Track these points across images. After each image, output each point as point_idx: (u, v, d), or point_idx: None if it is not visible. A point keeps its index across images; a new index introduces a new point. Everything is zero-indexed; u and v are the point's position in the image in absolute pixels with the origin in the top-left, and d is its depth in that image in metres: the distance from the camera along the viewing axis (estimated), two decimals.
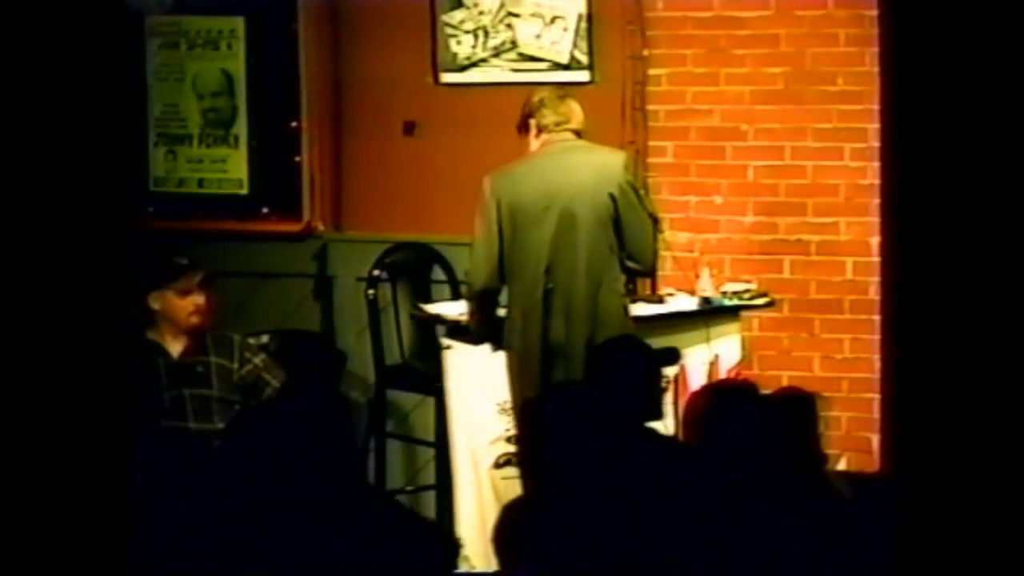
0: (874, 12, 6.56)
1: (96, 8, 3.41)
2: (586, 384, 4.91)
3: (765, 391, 4.47)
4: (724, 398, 4.26)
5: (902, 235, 3.37)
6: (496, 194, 5.58)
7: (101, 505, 3.32)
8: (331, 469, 3.54)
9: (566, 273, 5.50)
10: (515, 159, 5.88)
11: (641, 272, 5.70)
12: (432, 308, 6.30)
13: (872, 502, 3.75)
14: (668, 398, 5.57)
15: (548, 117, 5.61)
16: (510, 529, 3.66)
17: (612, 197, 5.51)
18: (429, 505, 6.60)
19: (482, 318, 5.61)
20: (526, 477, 4.26)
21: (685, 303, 6.00)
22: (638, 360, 4.84)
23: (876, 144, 6.55)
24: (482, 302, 5.63)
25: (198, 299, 5.73)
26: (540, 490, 4.05)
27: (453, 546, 3.46)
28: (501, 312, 5.59)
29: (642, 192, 5.67)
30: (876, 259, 6.62)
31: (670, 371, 5.45)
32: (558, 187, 5.53)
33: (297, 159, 7.37)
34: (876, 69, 6.55)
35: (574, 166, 5.61)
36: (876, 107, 6.54)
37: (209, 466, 3.77)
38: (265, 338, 6.50)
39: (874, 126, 6.58)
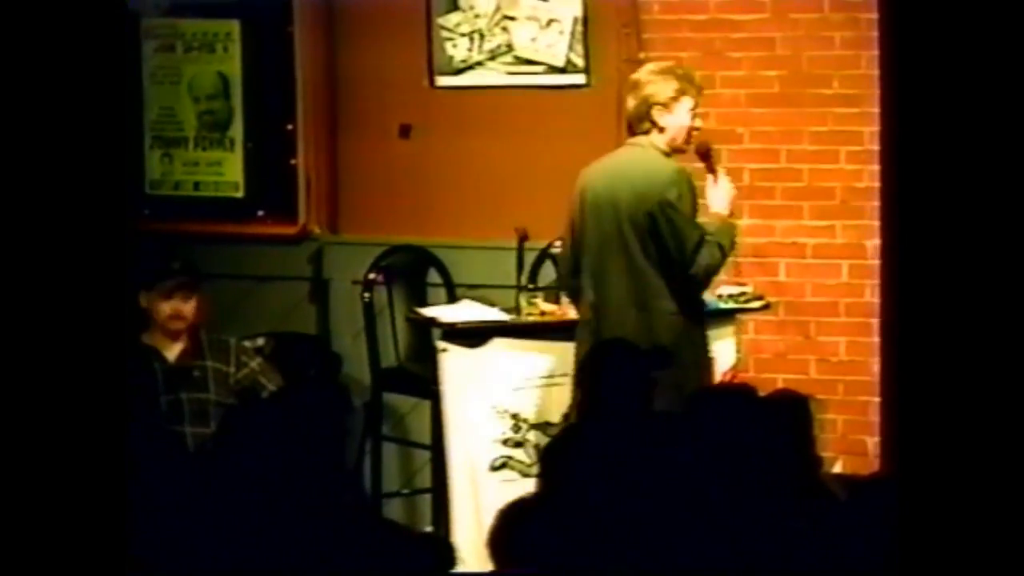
0: (870, 15, 6.58)
1: (97, 12, 3.42)
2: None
3: (761, 394, 4.48)
4: (721, 401, 4.26)
5: (901, 237, 3.38)
6: (579, 184, 5.59)
7: (99, 505, 3.32)
8: (324, 470, 3.53)
9: (611, 290, 5.43)
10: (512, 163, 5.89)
11: (693, 288, 5.44)
12: (428, 311, 6.29)
13: (868, 505, 3.75)
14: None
15: None
16: (506, 532, 3.66)
17: (651, 216, 5.36)
18: (425, 509, 6.60)
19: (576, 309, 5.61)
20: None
21: None
22: (630, 363, 4.84)
23: (872, 147, 6.56)
24: (568, 293, 5.70)
25: (179, 304, 5.70)
26: (536, 493, 4.06)
27: (448, 555, 3.46)
28: None
29: (683, 209, 5.35)
30: (872, 262, 6.62)
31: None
32: (613, 192, 5.44)
33: (293, 162, 7.37)
34: (872, 72, 6.56)
35: (630, 173, 5.46)
36: (872, 110, 6.55)
37: (200, 466, 3.77)
38: (261, 341, 6.49)
39: (870, 129, 6.58)
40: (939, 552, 3.17)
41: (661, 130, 5.41)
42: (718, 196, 5.41)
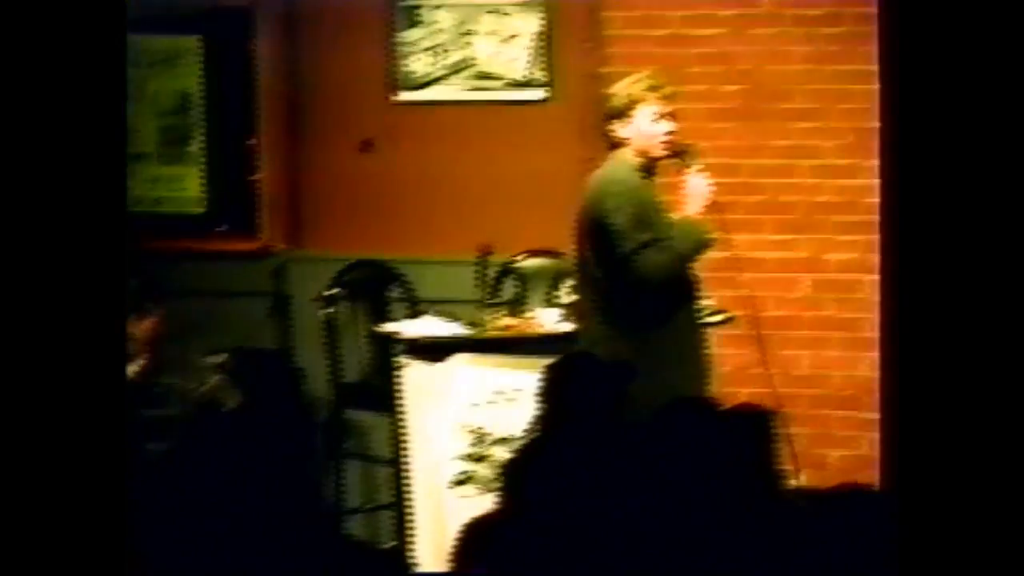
0: (830, 30, 6.61)
1: (97, 22, 3.41)
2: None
3: (724, 407, 4.48)
4: (684, 414, 4.26)
5: (902, 238, 3.38)
6: None
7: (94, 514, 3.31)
8: (285, 486, 3.52)
9: (583, 304, 5.52)
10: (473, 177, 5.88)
11: (643, 295, 5.37)
12: (390, 326, 6.28)
13: (830, 517, 3.75)
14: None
15: None
16: (469, 547, 3.66)
17: (591, 228, 5.38)
18: (387, 524, 6.58)
19: None
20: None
21: None
22: (594, 376, 4.83)
23: (833, 161, 6.59)
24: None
25: (131, 325, 5.67)
26: (499, 508, 4.05)
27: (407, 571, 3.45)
28: None
29: (617, 219, 5.30)
30: (834, 275, 6.65)
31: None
32: (580, 207, 5.49)
33: (254, 177, 7.35)
34: (832, 86, 6.61)
35: (588, 187, 5.48)
36: (832, 124, 6.59)
37: (159, 481, 3.75)
38: (222, 357, 6.45)
39: (830, 143, 6.62)
40: (938, 560, 3.17)
41: (624, 142, 5.40)
42: (687, 197, 5.39)
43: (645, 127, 5.38)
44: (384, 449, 6.58)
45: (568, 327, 5.91)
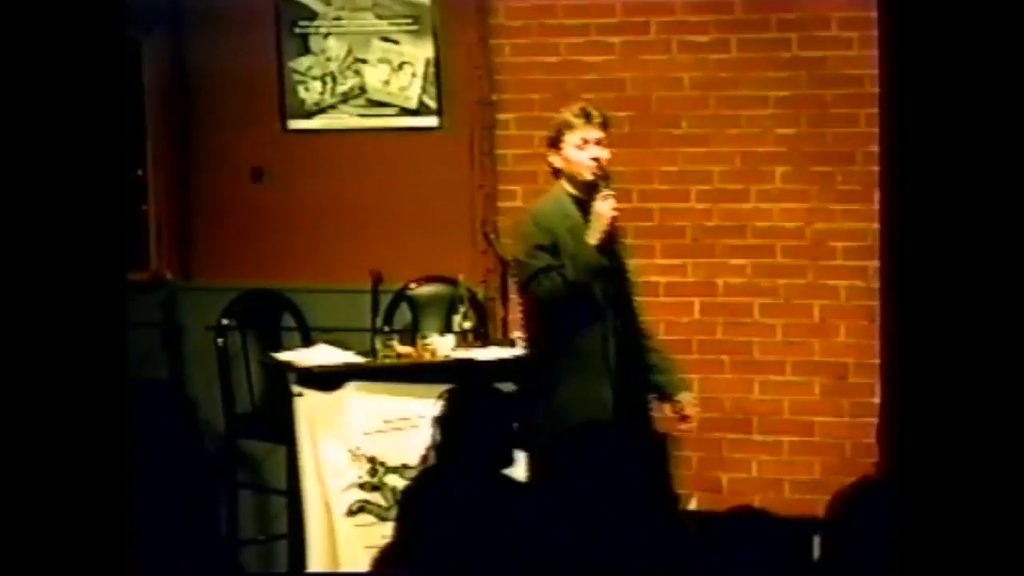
0: (718, 56, 6.69)
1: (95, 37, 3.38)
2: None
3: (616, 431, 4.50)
4: (577, 439, 4.27)
5: (902, 236, 3.40)
6: None
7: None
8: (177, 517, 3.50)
9: None
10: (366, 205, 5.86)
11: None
12: (283, 355, 6.25)
13: (724, 541, 3.78)
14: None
15: None
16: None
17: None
18: (281, 554, 6.54)
19: None
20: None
21: None
22: (492, 407, 4.84)
23: (722, 186, 6.66)
24: None
25: None
26: (395, 540, 4.04)
27: None
28: None
29: (516, 249, 5.57)
30: (723, 299, 6.71)
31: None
32: None
33: (143, 207, 7.29)
34: (720, 112, 6.67)
35: None
36: (721, 149, 6.66)
37: None
38: None
39: (719, 168, 6.68)
40: (939, 557, 3.19)
41: (558, 170, 5.49)
42: (591, 222, 5.45)
43: (571, 153, 5.45)
44: (278, 479, 6.54)
45: (463, 354, 5.91)
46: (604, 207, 5.39)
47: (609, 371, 5.41)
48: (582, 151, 5.45)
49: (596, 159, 5.44)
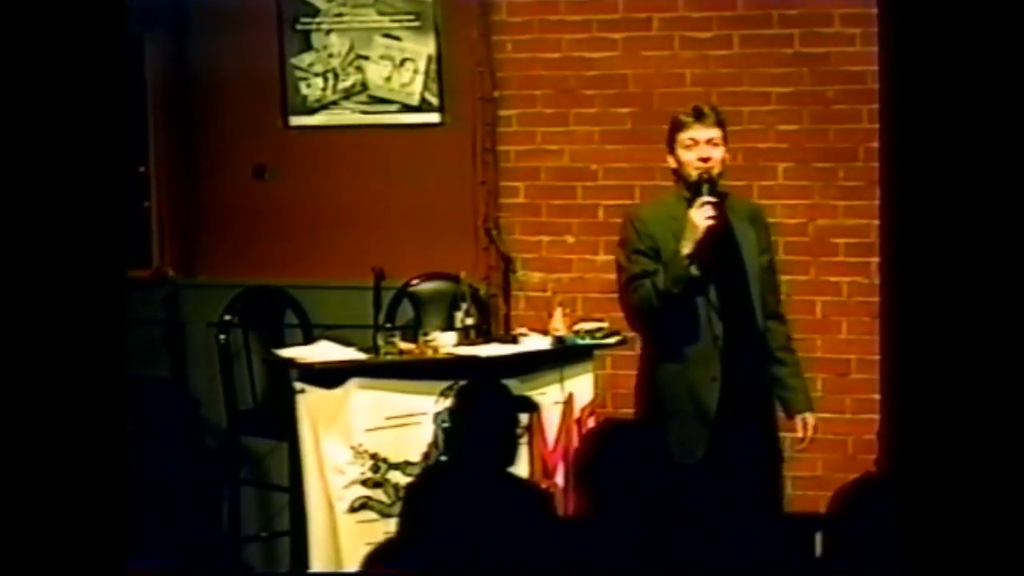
0: (719, 52, 6.68)
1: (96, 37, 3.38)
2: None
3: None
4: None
5: (902, 234, 3.40)
6: None
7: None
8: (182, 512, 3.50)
9: None
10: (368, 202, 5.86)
11: None
12: (285, 352, 6.24)
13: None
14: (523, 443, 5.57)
15: None
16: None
17: None
18: (284, 551, 6.54)
19: None
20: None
21: (538, 343, 6.02)
22: (501, 405, 4.83)
23: (724, 182, 6.64)
24: None
25: None
26: (399, 536, 4.04)
27: None
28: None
29: (619, 251, 5.44)
30: None
31: (524, 419, 5.43)
32: None
33: (146, 204, 7.29)
34: (723, 108, 6.65)
35: None
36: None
37: None
38: None
39: None
40: (940, 553, 3.19)
41: (676, 175, 5.37)
42: (686, 230, 5.25)
43: (681, 153, 5.32)
44: (280, 475, 6.54)
45: (465, 351, 5.91)
46: (698, 216, 5.19)
47: (713, 379, 5.26)
48: (690, 151, 5.29)
49: (706, 159, 5.27)
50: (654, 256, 5.30)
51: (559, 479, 5.82)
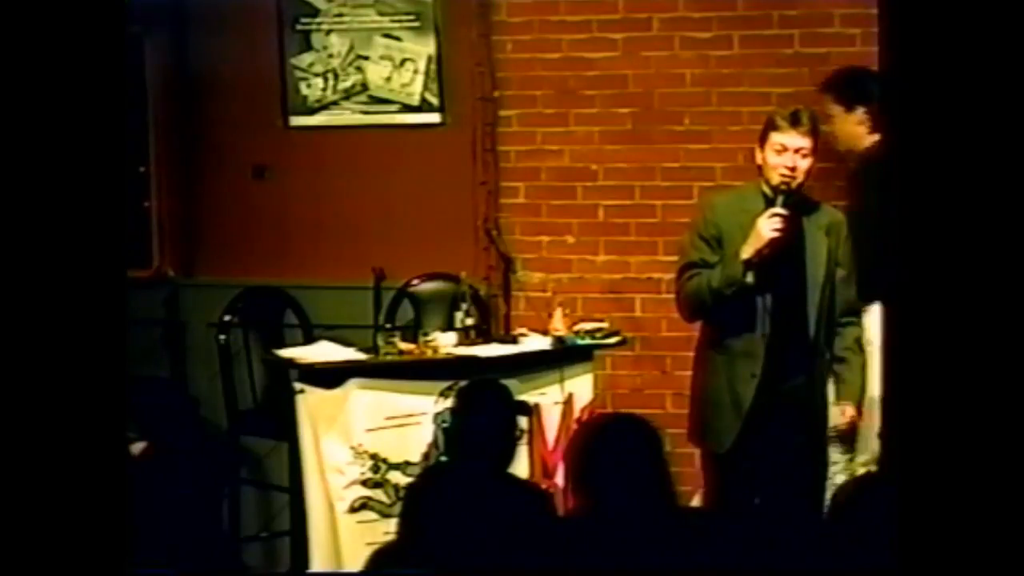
0: (719, 53, 6.68)
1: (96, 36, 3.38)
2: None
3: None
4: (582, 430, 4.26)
5: (902, 237, 3.39)
6: None
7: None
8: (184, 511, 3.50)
9: None
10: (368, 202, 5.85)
11: None
12: (285, 352, 6.25)
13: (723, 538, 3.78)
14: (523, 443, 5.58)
15: None
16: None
17: None
18: (284, 551, 6.54)
19: None
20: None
21: (538, 343, 6.02)
22: (500, 405, 4.83)
23: (725, 182, 6.65)
24: None
25: None
26: (399, 537, 4.05)
27: None
28: None
29: (685, 236, 5.47)
30: None
31: (523, 421, 5.44)
32: None
33: (146, 204, 7.29)
34: (721, 108, 6.67)
35: None
36: (723, 146, 6.65)
37: None
38: None
39: (721, 164, 6.68)
40: (939, 552, 3.19)
41: (759, 169, 5.33)
42: (751, 235, 5.23)
43: (769, 155, 5.27)
44: (280, 476, 6.54)
45: (465, 351, 5.91)
46: (766, 226, 5.18)
47: (752, 376, 5.27)
48: (779, 156, 5.24)
49: (792, 168, 5.22)
50: (716, 245, 5.31)
51: (559, 479, 5.82)
